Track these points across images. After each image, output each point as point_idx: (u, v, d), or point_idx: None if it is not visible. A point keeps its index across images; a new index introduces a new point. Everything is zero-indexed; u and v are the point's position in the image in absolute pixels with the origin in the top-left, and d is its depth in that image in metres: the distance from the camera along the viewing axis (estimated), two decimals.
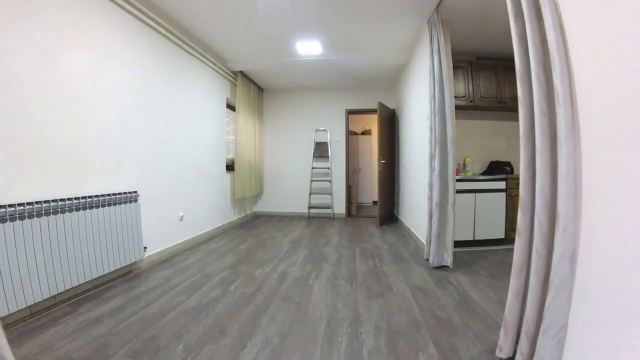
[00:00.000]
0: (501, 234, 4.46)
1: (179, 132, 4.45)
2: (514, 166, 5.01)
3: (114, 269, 3.12)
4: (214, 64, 5.34)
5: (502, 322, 1.93)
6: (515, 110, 4.86)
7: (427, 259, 3.80)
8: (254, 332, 2.25)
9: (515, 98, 4.68)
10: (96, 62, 3.06)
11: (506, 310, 1.90)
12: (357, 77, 6.69)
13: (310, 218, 7.33)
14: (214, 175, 5.54)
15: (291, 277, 3.36)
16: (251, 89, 6.74)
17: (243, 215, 6.96)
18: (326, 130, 7.54)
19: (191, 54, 4.67)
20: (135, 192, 3.42)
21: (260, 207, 7.83)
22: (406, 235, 5.36)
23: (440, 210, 3.56)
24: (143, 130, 3.72)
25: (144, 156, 3.74)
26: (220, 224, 5.78)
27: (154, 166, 3.90)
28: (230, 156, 6.32)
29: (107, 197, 3.05)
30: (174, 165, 4.32)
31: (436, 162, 3.56)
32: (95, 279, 2.96)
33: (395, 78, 6.67)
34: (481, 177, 4.46)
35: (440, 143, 3.55)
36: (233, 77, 6.09)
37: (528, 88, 1.80)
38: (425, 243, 3.96)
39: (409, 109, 5.59)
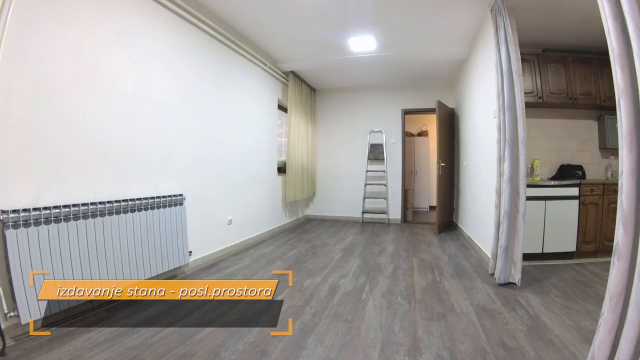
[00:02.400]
0: (572, 247, 3.96)
1: (229, 134, 4.41)
2: (585, 170, 4.46)
3: (156, 274, 3.05)
4: (265, 64, 5.27)
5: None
6: (588, 107, 4.47)
7: (492, 274, 3.40)
8: (298, 355, 2.04)
9: (588, 94, 4.29)
10: (139, 63, 3.05)
11: (595, 346, 1.57)
12: (413, 75, 6.36)
13: (364, 223, 7.06)
14: (265, 178, 5.47)
15: (343, 290, 3.14)
16: (303, 90, 6.64)
17: (294, 218, 6.85)
18: (381, 132, 7.23)
19: (240, 54, 4.63)
20: (180, 195, 3.37)
21: (313, 210, 7.69)
22: (467, 245, 4.93)
23: (510, 220, 3.17)
24: (190, 132, 3.70)
25: (191, 159, 3.71)
26: (271, 228, 5.70)
27: (201, 169, 3.87)
28: (282, 158, 6.24)
29: (151, 200, 3.01)
30: (223, 167, 4.27)
31: (506, 166, 3.17)
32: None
33: (454, 74, 6.24)
34: (552, 183, 4.00)
35: (511, 144, 3.16)
36: (284, 78, 6.01)
37: (630, 75, 1.45)
38: (490, 256, 3.56)
39: (471, 107, 5.16)
